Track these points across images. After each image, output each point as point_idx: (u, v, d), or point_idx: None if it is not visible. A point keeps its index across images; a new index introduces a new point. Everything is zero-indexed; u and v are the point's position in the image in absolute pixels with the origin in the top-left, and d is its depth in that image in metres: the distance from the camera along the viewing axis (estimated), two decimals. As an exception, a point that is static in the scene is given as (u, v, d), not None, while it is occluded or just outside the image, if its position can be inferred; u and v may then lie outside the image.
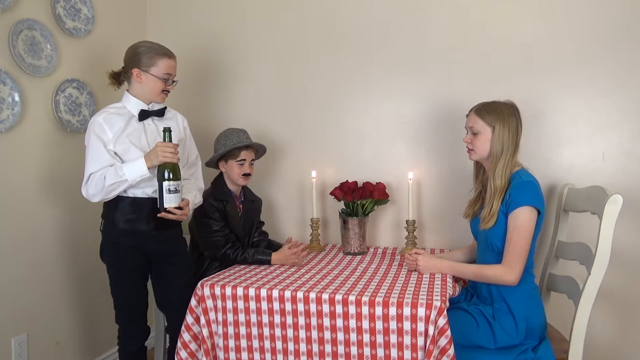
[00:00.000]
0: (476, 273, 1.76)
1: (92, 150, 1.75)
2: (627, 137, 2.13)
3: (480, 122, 1.79)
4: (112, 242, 1.84)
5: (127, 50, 1.86)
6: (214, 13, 2.64)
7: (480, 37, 2.26)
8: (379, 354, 1.53)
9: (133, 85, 1.84)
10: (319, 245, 2.33)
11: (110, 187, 1.71)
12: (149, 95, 1.84)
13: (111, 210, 1.82)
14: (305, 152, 2.54)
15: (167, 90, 1.86)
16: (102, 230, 1.88)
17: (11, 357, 1.97)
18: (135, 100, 1.84)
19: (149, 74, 1.81)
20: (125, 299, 1.87)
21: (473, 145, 1.82)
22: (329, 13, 2.47)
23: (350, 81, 2.46)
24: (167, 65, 1.83)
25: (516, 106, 1.81)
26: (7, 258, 1.96)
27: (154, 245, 1.85)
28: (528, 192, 1.68)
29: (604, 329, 2.16)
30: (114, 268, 1.86)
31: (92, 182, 1.73)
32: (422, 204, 2.40)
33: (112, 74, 1.91)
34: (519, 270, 1.67)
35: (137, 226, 1.81)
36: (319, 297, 1.58)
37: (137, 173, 1.72)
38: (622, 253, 2.08)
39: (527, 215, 1.67)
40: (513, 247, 1.67)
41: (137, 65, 1.81)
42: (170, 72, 1.84)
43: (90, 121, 1.80)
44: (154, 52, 1.81)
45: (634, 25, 2.09)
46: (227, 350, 1.69)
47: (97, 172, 1.73)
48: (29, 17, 2.00)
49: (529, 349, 1.66)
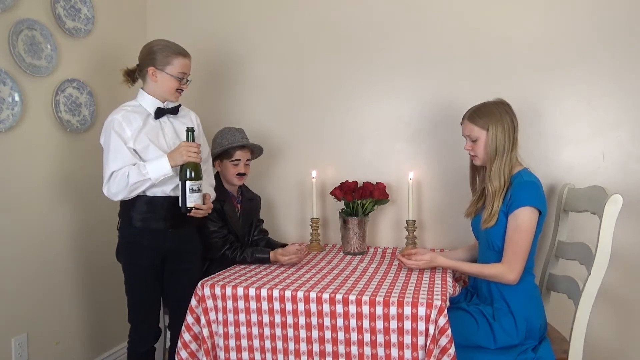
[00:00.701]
0: (479, 271, 1.76)
1: (113, 148, 1.75)
2: (627, 137, 2.13)
3: (475, 129, 1.79)
4: (129, 242, 1.84)
5: (143, 48, 1.87)
6: (214, 13, 2.64)
7: (480, 37, 2.26)
8: (379, 354, 1.53)
9: (148, 83, 1.85)
10: (319, 245, 2.33)
11: (134, 185, 1.72)
12: (164, 93, 1.85)
13: (128, 209, 1.82)
14: (305, 152, 2.54)
15: (181, 89, 1.88)
16: (119, 229, 1.89)
17: (11, 357, 1.97)
18: (151, 98, 1.85)
19: (164, 72, 1.82)
20: (140, 298, 1.87)
21: (475, 152, 1.82)
22: (329, 13, 2.47)
23: (351, 81, 2.46)
24: (182, 64, 1.84)
25: (507, 103, 1.81)
26: (6, 258, 1.96)
27: (170, 244, 1.86)
28: (529, 192, 1.68)
29: (604, 329, 2.16)
30: (130, 267, 1.85)
31: (114, 180, 1.73)
32: (422, 204, 2.40)
33: (127, 71, 1.91)
34: (519, 269, 1.67)
35: (154, 225, 1.82)
36: (320, 297, 1.58)
37: (160, 172, 1.73)
38: (622, 253, 2.09)
39: (528, 216, 1.67)
40: (514, 246, 1.67)
41: (152, 63, 1.81)
42: (185, 71, 1.85)
43: (108, 120, 1.79)
44: (170, 51, 1.82)
45: (634, 25, 2.09)
46: (228, 350, 1.69)
47: (119, 171, 1.73)
48: (29, 17, 2.00)
49: (529, 349, 1.66)
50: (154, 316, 1.91)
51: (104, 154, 1.78)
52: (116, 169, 1.73)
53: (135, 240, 1.83)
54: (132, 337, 1.91)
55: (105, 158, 1.77)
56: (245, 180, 2.19)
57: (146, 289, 1.86)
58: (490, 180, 1.75)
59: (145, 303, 1.88)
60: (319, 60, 2.50)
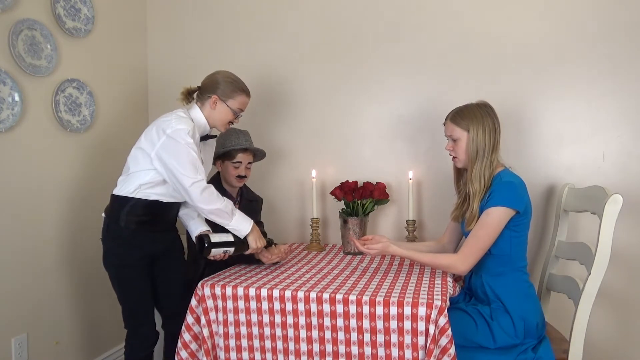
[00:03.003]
0: (431, 260, 1.76)
1: (191, 159, 1.71)
2: (627, 137, 2.13)
3: (457, 129, 1.80)
4: (120, 243, 1.82)
5: (211, 76, 1.90)
6: (214, 13, 2.64)
7: (480, 37, 2.26)
8: (379, 354, 1.53)
9: (206, 108, 1.87)
10: (319, 245, 2.33)
11: (218, 209, 1.73)
12: (216, 122, 1.89)
13: (120, 211, 1.80)
14: (305, 152, 2.54)
15: (231, 123, 1.92)
16: (106, 232, 1.85)
17: (11, 357, 1.97)
18: (205, 122, 1.87)
19: (225, 104, 1.86)
20: (136, 300, 1.86)
21: (455, 153, 1.83)
22: (329, 13, 2.47)
23: (351, 81, 2.46)
24: (243, 102, 1.90)
25: (490, 105, 1.82)
26: (6, 258, 1.96)
27: (159, 244, 1.88)
28: (504, 193, 1.69)
29: (604, 329, 2.16)
30: (121, 270, 1.84)
31: (206, 192, 1.71)
32: (422, 204, 2.40)
33: (189, 90, 1.90)
34: (472, 262, 1.70)
35: (146, 228, 1.82)
36: (320, 297, 1.58)
37: (241, 225, 1.79)
38: (622, 253, 2.09)
39: (498, 215, 1.68)
40: (475, 241, 1.69)
41: (218, 92, 1.85)
42: (242, 109, 1.91)
43: (175, 129, 1.71)
44: (236, 86, 1.88)
45: (635, 25, 2.09)
46: (228, 350, 1.69)
47: (210, 187, 1.73)
48: (29, 17, 2.00)
49: (528, 348, 1.66)
50: (150, 318, 1.91)
51: (178, 164, 1.71)
52: (199, 180, 1.70)
53: (126, 242, 1.82)
54: (131, 344, 1.89)
55: (180, 168, 1.69)
56: (245, 182, 2.19)
57: (140, 289, 1.85)
58: (471, 182, 1.77)
59: (141, 304, 1.87)
60: (318, 60, 2.50)
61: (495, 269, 1.77)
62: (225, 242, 1.78)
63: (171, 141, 1.71)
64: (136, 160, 1.80)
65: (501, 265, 1.76)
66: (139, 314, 1.88)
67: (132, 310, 1.87)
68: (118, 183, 1.84)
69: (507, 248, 1.74)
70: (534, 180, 2.18)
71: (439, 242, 2.01)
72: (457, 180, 1.96)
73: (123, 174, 1.85)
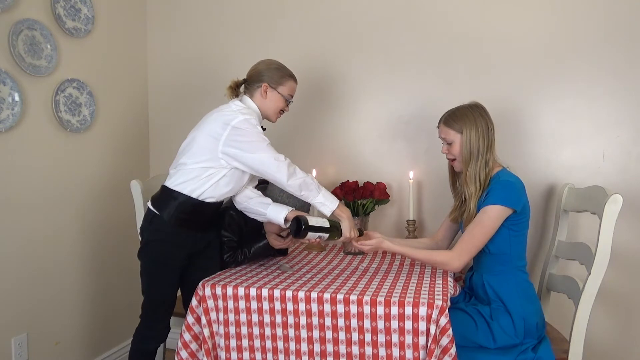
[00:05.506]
0: (426, 257, 1.77)
1: (265, 141, 1.71)
2: (627, 137, 2.13)
3: (450, 132, 1.81)
4: (161, 239, 1.79)
5: (258, 65, 1.88)
6: (214, 13, 2.64)
7: (480, 37, 2.27)
8: (380, 354, 1.53)
9: (257, 98, 1.85)
10: (319, 245, 2.32)
11: (307, 184, 1.70)
12: (269, 111, 1.87)
13: (167, 206, 1.77)
14: (305, 152, 2.54)
15: (283, 111, 1.91)
16: (149, 224, 1.81)
17: (11, 357, 1.97)
18: (259, 112, 1.85)
19: (276, 91, 1.84)
20: (162, 299, 1.84)
21: (452, 155, 1.84)
22: (329, 13, 2.47)
23: (351, 81, 2.46)
24: (292, 87, 1.89)
25: (482, 106, 1.82)
26: (6, 258, 1.96)
27: (199, 244, 1.87)
28: (501, 192, 1.70)
29: (604, 329, 2.16)
30: (156, 266, 1.81)
31: (291, 167, 1.70)
32: (423, 204, 2.41)
33: (236, 83, 1.88)
34: (466, 259, 1.71)
35: (191, 226, 1.80)
36: (321, 297, 1.58)
37: (330, 200, 1.75)
38: (622, 253, 2.09)
39: (495, 213, 1.68)
40: (470, 238, 1.70)
41: (267, 80, 1.83)
42: (292, 94, 1.90)
43: (240, 120, 1.70)
44: (285, 72, 1.86)
45: (635, 25, 2.09)
46: (229, 350, 1.69)
47: (290, 162, 1.71)
48: (28, 17, 2.00)
49: (528, 348, 1.66)
50: (170, 314, 1.89)
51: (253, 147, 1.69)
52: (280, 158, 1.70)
53: (168, 239, 1.79)
54: (143, 334, 1.86)
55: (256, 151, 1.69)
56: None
57: (169, 287, 1.84)
58: (466, 183, 1.78)
59: (165, 303, 1.85)
60: (318, 60, 2.50)
61: (495, 267, 1.77)
62: (321, 227, 1.73)
63: (238, 131, 1.69)
64: (191, 154, 1.75)
65: (500, 264, 1.76)
66: (161, 309, 1.86)
67: (155, 305, 1.84)
68: (171, 175, 1.80)
69: (506, 247, 1.75)
70: (534, 180, 2.19)
71: (433, 239, 2.02)
72: (453, 183, 1.96)
73: (176, 168, 1.79)
